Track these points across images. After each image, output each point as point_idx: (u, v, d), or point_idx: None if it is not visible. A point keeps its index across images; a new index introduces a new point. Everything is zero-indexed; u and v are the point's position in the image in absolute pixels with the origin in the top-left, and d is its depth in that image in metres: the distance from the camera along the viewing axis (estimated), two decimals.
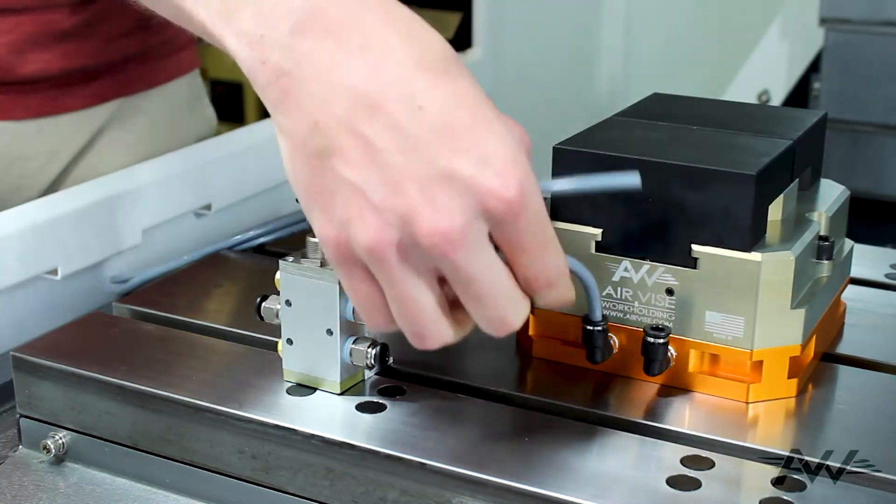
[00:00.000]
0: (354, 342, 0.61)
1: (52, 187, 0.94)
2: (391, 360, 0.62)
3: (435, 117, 0.47)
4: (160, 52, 1.00)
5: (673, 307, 0.62)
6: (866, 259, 0.79)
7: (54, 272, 0.80)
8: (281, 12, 0.49)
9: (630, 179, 0.57)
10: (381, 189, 0.47)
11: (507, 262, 0.51)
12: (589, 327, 0.62)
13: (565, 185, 0.60)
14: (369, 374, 0.64)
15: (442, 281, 0.51)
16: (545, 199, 0.60)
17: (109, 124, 0.96)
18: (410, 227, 0.47)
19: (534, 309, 0.66)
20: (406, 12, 0.50)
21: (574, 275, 0.59)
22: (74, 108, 0.94)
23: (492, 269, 0.50)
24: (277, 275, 0.61)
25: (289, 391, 0.62)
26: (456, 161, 0.47)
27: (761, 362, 0.61)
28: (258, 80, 0.50)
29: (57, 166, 0.95)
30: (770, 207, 0.63)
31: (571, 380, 0.64)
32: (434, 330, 0.52)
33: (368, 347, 0.61)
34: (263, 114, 1.15)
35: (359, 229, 0.48)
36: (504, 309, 0.51)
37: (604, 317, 0.62)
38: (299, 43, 0.48)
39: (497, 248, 0.51)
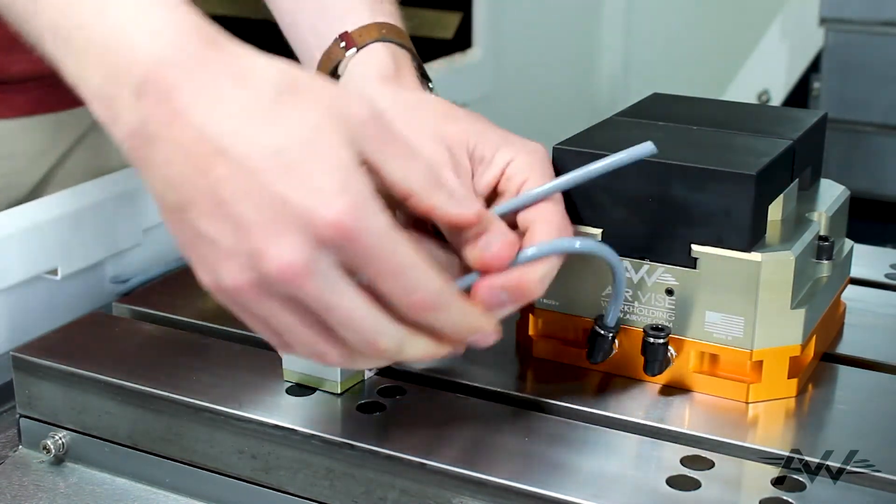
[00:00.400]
0: None
1: (39, 187, 0.94)
2: None
3: (268, 157, 0.48)
4: None
5: (673, 307, 0.62)
6: (866, 259, 0.79)
7: (54, 272, 0.80)
8: (124, 75, 0.50)
9: (644, 149, 0.57)
10: (230, 236, 0.48)
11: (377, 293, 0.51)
12: (602, 332, 0.62)
13: (577, 176, 0.59)
14: (369, 374, 0.64)
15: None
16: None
17: (98, 125, 0.96)
18: (261, 267, 0.48)
19: (533, 309, 0.66)
20: (240, 51, 0.51)
21: (595, 255, 0.59)
22: (62, 107, 0.94)
23: (346, 297, 0.49)
24: None
25: (289, 391, 0.62)
26: (290, 195, 0.48)
27: (761, 362, 0.61)
28: (115, 137, 0.52)
29: (44, 166, 0.94)
30: (770, 207, 0.63)
31: (571, 380, 0.64)
32: (321, 349, 0.51)
33: None
34: None
35: (223, 276, 0.50)
36: (369, 333, 0.50)
37: (617, 322, 0.62)
38: (142, 105, 0.50)
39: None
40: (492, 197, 0.62)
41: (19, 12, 0.55)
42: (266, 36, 0.72)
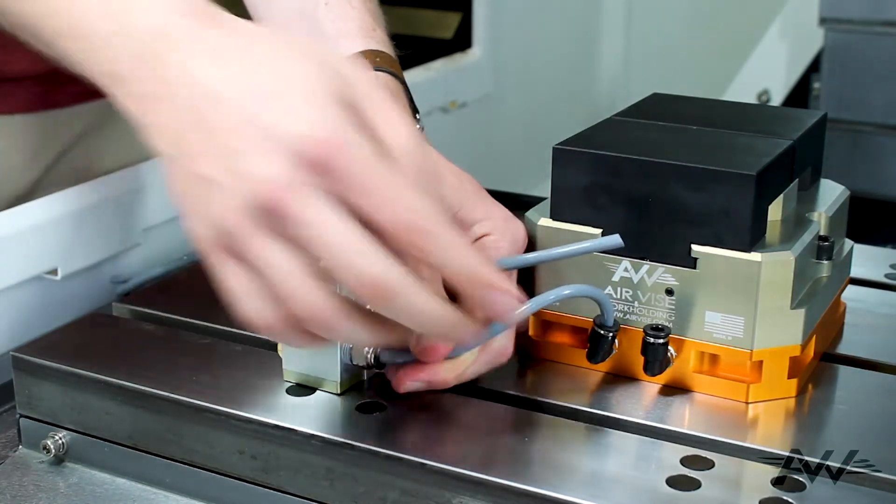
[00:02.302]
0: None
1: (37, 183, 0.94)
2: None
3: (260, 94, 0.51)
4: None
5: (673, 307, 0.62)
6: (866, 259, 0.79)
7: (54, 272, 0.80)
8: (128, 46, 0.54)
9: (611, 241, 0.59)
10: (222, 167, 0.50)
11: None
12: (602, 332, 0.62)
13: (542, 256, 0.62)
14: (369, 374, 0.64)
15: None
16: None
17: (98, 122, 0.96)
18: (250, 192, 0.49)
19: None
20: (239, 20, 0.55)
21: (588, 298, 0.61)
22: (62, 104, 0.94)
23: (334, 215, 0.49)
24: None
25: (289, 391, 0.62)
26: (279, 121, 0.50)
27: (761, 362, 0.61)
28: (128, 109, 0.55)
29: (41, 163, 0.94)
30: (770, 207, 0.63)
31: (571, 380, 0.64)
32: (309, 299, 0.50)
33: (368, 347, 0.61)
34: None
35: (215, 211, 0.50)
36: (352, 258, 0.49)
37: (615, 322, 0.62)
38: (145, 70, 0.53)
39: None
40: None
41: (29, 17, 0.59)
42: None
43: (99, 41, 0.55)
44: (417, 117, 0.74)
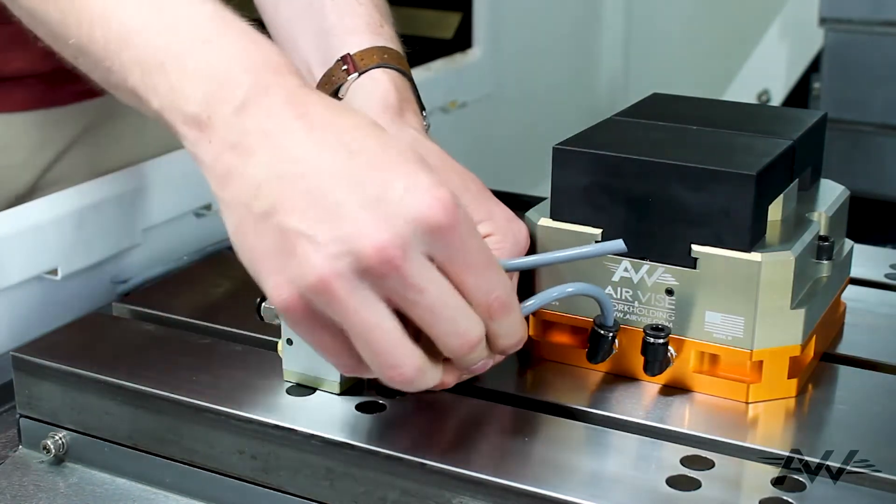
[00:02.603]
0: None
1: (38, 181, 0.94)
2: None
3: (368, 158, 0.52)
4: None
5: (673, 307, 0.62)
6: (866, 259, 0.79)
7: (54, 272, 0.80)
8: (227, 96, 0.54)
9: (614, 246, 0.59)
10: (324, 225, 0.50)
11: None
12: (602, 332, 0.62)
13: (544, 259, 0.63)
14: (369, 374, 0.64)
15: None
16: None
17: (98, 121, 0.97)
18: (356, 251, 0.50)
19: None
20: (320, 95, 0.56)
21: (587, 296, 0.61)
22: (63, 103, 0.94)
23: (440, 282, 0.52)
24: None
25: (289, 391, 0.62)
26: (389, 189, 0.51)
27: (761, 362, 0.61)
28: (205, 159, 0.55)
29: (41, 161, 0.95)
30: (770, 207, 0.63)
31: (571, 380, 0.64)
32: (403, 355, 0.52)
33: None
34: None
35: (307, 271, 0.50)
36: (458, 321, 0.53)
37: (615, 322, 0.62)
38: (244, 120, 0.53)
39: None
40: None
41: (100, 53, 0.59)
42: None
43: (194, 79, 0.55)
44: (424, 114, 0.74)
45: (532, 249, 0.65)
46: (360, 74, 0.72)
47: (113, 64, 0.58)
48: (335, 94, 0.72)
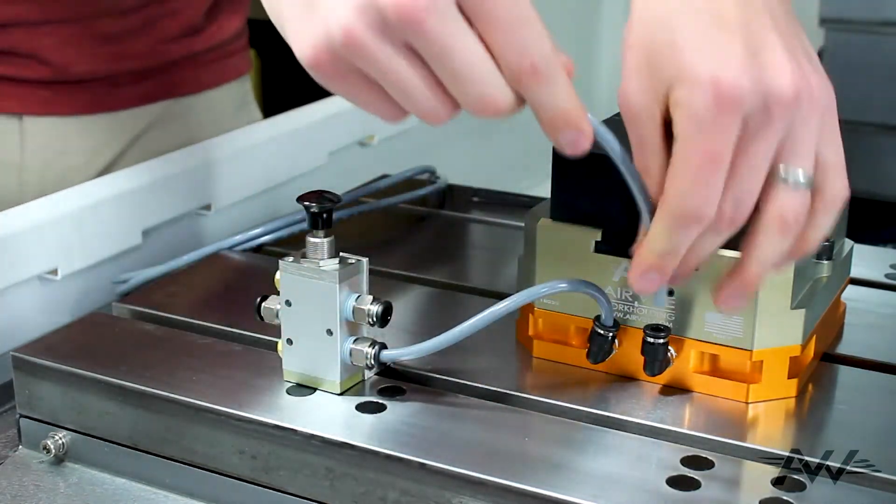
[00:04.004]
0: (354, 342, 0.61)
1: None
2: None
3: None
4: (208, 57, 1.02)
5: (673, 307, 0.62)
6: (866, 259, 0.79)
7: (54, 272, 0.80)
8: None
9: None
10: None
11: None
12: (602, 332, 0.62)
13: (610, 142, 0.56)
14: (369, 374, 0.64)
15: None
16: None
17: (154, 125, 0.98)
18: (376, 4, 0.47)
19: (533, 309, 0.66)
20: None
21: (586, 294, 0.60)
22: (119, 107, 0.96)
23: (465, 38, 0.48)
24: (277, 275, 0.61)
25: (289, 391, 0.62)
26: None
27: (761, 362, 0.61)
28: None
29: (98, 164, 0.96)
30: None
31: (571, 380, 0.64)
32: (428, 102, 0.50)
33: (368, 347, 0.61)
34: (265, 111, 1.15)
35: (332, 24, 0.48)
36: (483, 84, 0.49)
37: (615, 322, 0.62)
38: None
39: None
40: None
41: None
42: None
43: None
44: None
45: (532, 249, 0.65)
46: None
47: None
48: None
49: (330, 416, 0.60)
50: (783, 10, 0.54)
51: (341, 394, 0.62)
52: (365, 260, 0.62)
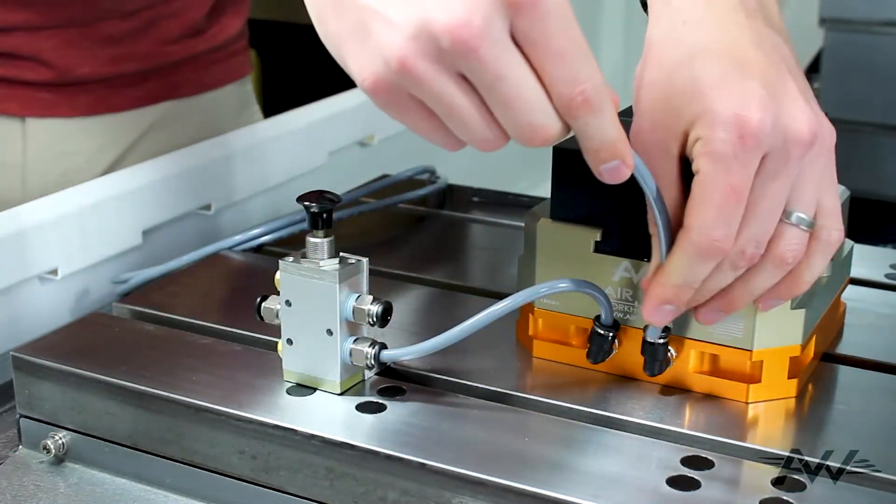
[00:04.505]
0: (354, 342, 0.61)
1: None
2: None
3: None
4: (210, 58, 1.02)
5: None
6: (866, 259, 0.79)
7: (54, 272, 0.80)
8: None
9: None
10: (399, 2, 0.48)
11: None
12: (602, 332, 0.62)
13: None
14: (369, 374, 0.64)
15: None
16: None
17: (155, 126, 0.98)
18: (430, 31, 0.47)
19: (533, 309, 0.66)
20: None
21: (586, 294, 0.60)
22: (121, 109, 0.97)
23: (517, 67, 0.48)
24: (277, 275, 0.61)
25: (289, 391, 0.62)
26: None
27: (761, 362, 0.61)
28: None
29: (101, 165, 0.96)
30: None
31: (571, 380, 0.64)
32: (481, 131, 0.50)
33: (368, 347, 0.61)
34: (265, 111, 1.15)
35: (387, 52, 0.48)
36: (534, 112, 0.49)
37: (615, 322, 0.62)
38: None
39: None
40: None
41: None
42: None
43: None
44: None
45: (532, 249, 0.65)
46: None
47: None
48: None
49: (330, 416, 0.60)
50: (793, 57, 0.57)
51: (341, 394, 0.62)
52: (365, 260, 0.62)
